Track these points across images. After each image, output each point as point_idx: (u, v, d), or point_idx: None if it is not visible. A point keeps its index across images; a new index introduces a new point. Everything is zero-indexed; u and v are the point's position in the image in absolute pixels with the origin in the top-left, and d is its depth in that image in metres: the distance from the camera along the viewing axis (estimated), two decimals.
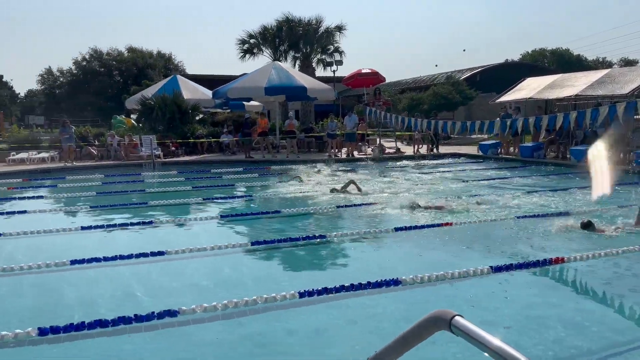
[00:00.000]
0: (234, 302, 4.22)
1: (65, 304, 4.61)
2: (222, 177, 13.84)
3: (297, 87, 20.19)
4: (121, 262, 5.66)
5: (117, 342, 3.80)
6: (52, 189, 12.36)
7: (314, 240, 6.45)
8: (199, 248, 6.11)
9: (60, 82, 51.60)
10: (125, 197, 10.65)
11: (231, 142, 21.15)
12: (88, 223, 7.67)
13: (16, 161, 17.81)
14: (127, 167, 16.88)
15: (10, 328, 3.78)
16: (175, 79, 25.25)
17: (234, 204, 10.01)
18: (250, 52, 29.41)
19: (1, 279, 5.18)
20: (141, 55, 49.82)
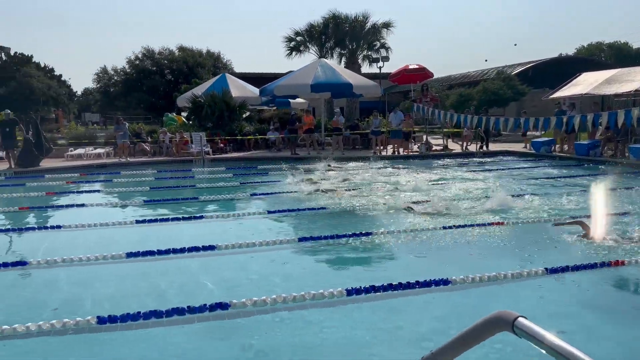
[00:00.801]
0: (282, 296, 4.26)
1: (122, 294, 4.79)
2: (269, 174, 14.02)
3: (342, 84, 20.17)
4: (173, 255, 5.83)
5: (171, 332, 3.92)
6: (107, 184, 12.88)
7: (361, 237, 6.42)
8: (248, 243, 6.21)
9: (114, 81, 53.68)
10: (177, 192, 10.97)
11: (277, 139, 21.39)
12: (142, 217, 7.95)
13: (74, 156, 18.68)
14: (178, 163, 17.39)
15: (72, 316, 3.97)
16: (224, 77, 25.75)
17: (281, 199, 10.09)
18: (297, 50, 29.60)
19: (62, 269, 5.44)
20: (191, 55, 51.15)
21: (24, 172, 15.14)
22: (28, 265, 5.43)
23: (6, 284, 5.16)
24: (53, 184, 12.65)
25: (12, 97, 42.40)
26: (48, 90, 47.71)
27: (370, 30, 29.14)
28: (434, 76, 25.42)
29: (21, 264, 5.45)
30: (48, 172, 15.07)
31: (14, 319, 3.99)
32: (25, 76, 46.73)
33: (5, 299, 4.76)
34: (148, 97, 47.32)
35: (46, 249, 6.28)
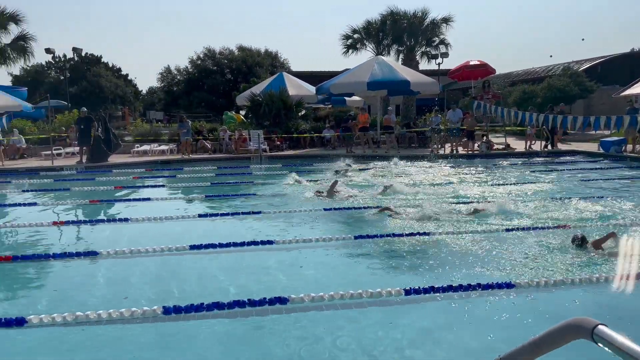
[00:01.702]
0: (340, 294, 4.27)
1: (185, 285, 4.96)
2: (324, 172, 14.08)
3: (400, 81, 19.92)
4: (234, 249, 5.98)
5: (232, 324, 4.02)
6: (171, 179, 13.37)
7: (418, 236, 6.32)
8: (305, 239, 6.27)
9: (177, 80, 55.64)
10: (236, 188, 11.23)
11: (332, 137, 21.44)
12: (203, 211, 8.21)
13: (139, 153, 19.54)
14: (237, 160, 17.82)
15: (138, 305, 4.16)
16: (282, 76, 26.09)
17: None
18: (354, 48, 29.52)
19: (129, 260, 5.71)
20: (250, 54, 52.21)
21: (94, 166, 16.02)
22: (99, 255, 5.74)
23: (79, 272, 5.48)
24: (120, 178, 13.30)
25: (83, 96, 44.89)
26: (116, 89, 50.16)
27: (429, 26, 28.60)
28: (495, 72, 24.61)
29: (92, 253, 5.76)
30: (116, 167, 15.89)
31: (87, 306, 4.23)
32: (95, 76, 49.39)
33: (78, 287, 5.05)
34: (209, 96, 48.71)
35: (114, 240, 6.61)
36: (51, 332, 3.88)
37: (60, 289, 5.00)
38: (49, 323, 3.89)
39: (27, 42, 21.91)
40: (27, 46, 21.95)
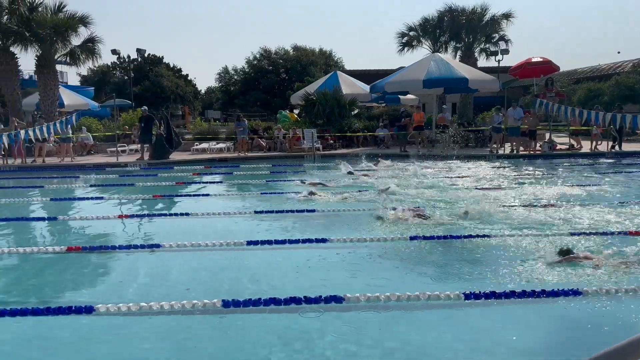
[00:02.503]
0: (396, 295, 4.21)
1: (243, 280, 5.06)
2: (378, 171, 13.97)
3: (457, 78, 19.44)
4: (290, 245, 6.04)
5: (288, 319, 4.07)
6: (228, 176, 13.70)
7: (477, 238, 6.14)
8: (359, 239, 6.24)
9: (234, 80, 57.04)
10: (291, 186, 11.35)
11: (386, 136, 21.26)
12: (260, 208, 8.35)
13: (198, 150, 20.18)
14: (291, 158, 18.03)
15: (199, 298, 4.28)
16: (336, 75, 26.13)
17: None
18: (409, 45, 29.09)
19: (190, 254, 5.90)
20: (304, 53, 52.70)
21: (156, 163, 16.69)
22: (161, 247, 5.96)
23: (143, 264, 5.72)
24: (181, 175, 13.79)
25: (145, 95, 46.83)
26: (176, 89, 52.00)
27: (489, 22, 27.74)
28: (559, 70, 23.54)
29: (155, 246, 6.00)
30: (177, 164, 16.49)
31: (151, 297, 4.41)
32: (156, 76, 51.42)
33: (142, 278, 5.27)
34: (264, 95, 49.61)
35: (176, 234, 6.84)
36: (116, 320, 4.06)
37: (125, 280, 5.23)
38: (114, 312, 4.08)
39: (94, 44, 23.03)
40: (94, 48, 23.07)
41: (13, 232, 7.58)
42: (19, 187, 12.40)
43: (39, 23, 21.10)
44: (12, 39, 21.39)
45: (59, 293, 4.91)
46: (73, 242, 6.57)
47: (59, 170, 15.62)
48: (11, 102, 21.93)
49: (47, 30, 20.91)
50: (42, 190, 11.43)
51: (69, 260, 5.81)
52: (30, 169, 16.06)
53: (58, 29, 21.10)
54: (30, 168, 16.16)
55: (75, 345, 3.77)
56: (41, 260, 5.86)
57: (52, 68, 22.07)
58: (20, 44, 21.60)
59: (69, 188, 12.01)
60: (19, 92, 22.41)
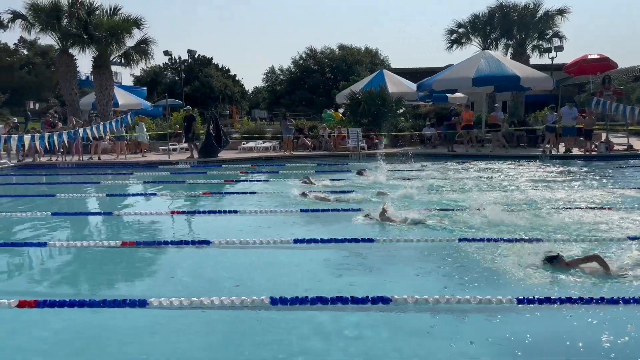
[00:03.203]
0: (446, 297, 4.13)
1: (290, 277, 5.10)
2: (423, 170, 13.78)
3: (508, 76, 18.88)
4: (335, 244, 6.03)
5: (333, 317, 4.07)
6: (274, 174, 13.85)
7: (529, 242, 5.93)
8: (406, 239, 6.16)
9: (280, 80, 57.67)
10: (335, 185, 11.35)
11: (433, 135, 20.92)
12: (305, 206, 8.39)
13: (245, 149, 20.53)
14: (336, 157, 18.04)
15: (249, 294, 4.34)
16: (382, 73, 25.93)
17: (437, 196, 9.79)
18: (458, 42, 28.46)
19: (239, 250, 5.99)
20: (350, 52, 52.64)
21: (206, 161, 17.11)
22: (211, 244, 6.09)
23: (193, 259, 5.87)
24: (229, 173, 14.07)
25: (195, 95, 48.06)
26: (224, 89, 53.08)
27: (542, 18, 26.75)
28: (617, 67, 22.42)
29: (205, 242, 6.13)
30: (225, 162, 16.85)
31: (201, 292, 4.51)
32: (206, 76, 52.67)
33: (192, 273, 5.40)
34: (309, 95, 49.90)
35: (225, 230, 6.99)
36: (168, 314, 4.18)
37: (177, 274, 5.37)
38: (167, 306, 4.20)
39: (147, 46, 23.86)
40: (147, 49, 23.90)
41: (71, 227, 7.95)
42: (76, 182, 12.98)
43: (96, 25, 22.05)
44: (71, 41, 22.46)
45: (114, 286, 5.10)
46: (127, 237, 6.81)
47: (113, 167, 16.28)
48: (69, 102, 23.02)
49: (103, 32, 21.82)
50: (98, 187, 11.93)
51: (123, 254, 6.03)
52: (86, 165, 16.81)
53: (113, 31, 21.98)
54: (87, 165, 16.92)
55: (129, 337, 3.91)
56: (97, 254, 6.11)
57: (107, 69, 23.02)
58: (78, 46, 22.66)
59: (122, 184, 12.48)
60: (77, 92, 23.50)
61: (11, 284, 5.28)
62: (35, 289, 5.07)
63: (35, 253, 6.15)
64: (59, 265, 5.96)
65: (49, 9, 21.85)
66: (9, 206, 9.57)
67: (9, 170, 15.86)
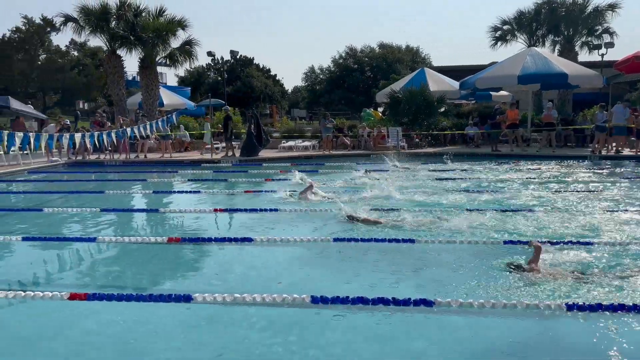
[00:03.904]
0: (491, 302, 4.04)
1: (330, 276, 5.11)
2: (467, 170, 13.52)
3: (556, 74, 18.30)
4: (375, 244, 6.00)
5: (373, 318, 4.05)
6: (313, 174, 13.87)
7: (578, 245, 5.72)
8: (448, 240, 6.06)
9: (319, 79, 57.85)
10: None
11: (476, 135, 20.49)
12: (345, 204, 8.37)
13: (285, 148, 20.71)
14: (375, 156, 17.91)
15: (290, 292, 4.38)
16: (423, 72, 25.60)
17: (483, 197, 9.59)
18: (503, 39, 27.82)
19: (280, 248, 6.05)
20: (390, 51, 52.25)
21: (247, 160, 17.37)
22: (253, 242, 6.18)
23: (236, 256, 5.96)
24: (269, 171, 14.21)
25: (237, 95, 48.85)
26: (265, 89, 53.73)
27: (592, 13, 25.80)
28: None
29: (248, 240, 6.23)
30: (265, 161, 17.05)
31: (242, 288, 4.58)
32: (247, 76, 53.47)
33: (235, 269, 5.50)
34: (348, 94, 49.85)
35: (266, 228, 7.07)
36: (211, 309, 4.27)
37: (220, 270, 5.48)
38: (210, 301, 4.29)
39: (192, 46, 24.42)
40: (192, 50, 24.46)
41: (119, 222, 8.23)
42: (124, 180, 13.44)
43: (143, 27, 22.75)
44: (119, 42, 23.26)
45: (159, 281, 5.25)
46: (173, 233, 7.00)
47: (158, 165, 16.75)
48: (117, 101, 23.85)
49: (149, 33, 22.48)
50: (144, 184, 12.30)
51: (169, 250, 6.20)
52: (133, 163, 17.37)
53: (159, 33, 22.61)
54: (133, 163, 17.48)
55: (174, 331, 4.01)
56: (145, 250, 6.31)
57: (153, 69, 23.70)
58: (125, 47, 23.44)
59: (168, 182, 12.82)
60: (124, 92, 24.32)
61: (63, 276, 5.52)
62: (85, 282, 5.28)
63: (86, 247, 6.40)
64: (107, 259, 6.19)
65: (99, 12, 22.71)
66: (61, 202, 10.00)
67: (60, 167, 16.58)
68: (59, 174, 15.46)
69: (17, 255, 6.40)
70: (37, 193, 11.49)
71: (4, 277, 5.47)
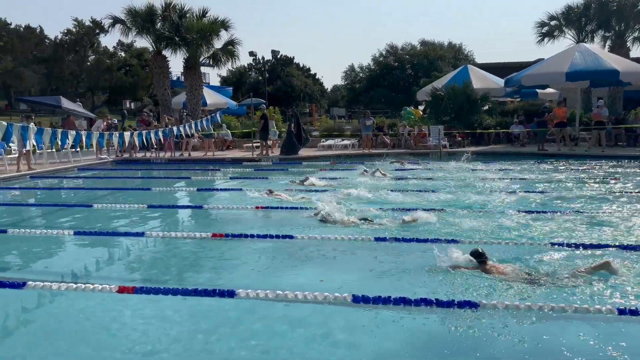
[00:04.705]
0: (538, 305, 3.93)
1: (373, 275, 5.09)
2: (513, 170, 13.17)
3: (606, 70, 17.58)
4: (416, 244, 5.93)
5: (417, 320, 4.01)
6: (352, 172, 13.83)
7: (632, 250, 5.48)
8: (499, 241, 5.91)
9: (359, 78, 57.67)
10: (416, 184, 11.16)
11: (522, 133, 19.94)
12: (385, 206, 8.32)
13: (324, 147, 20.75)
14: (416, 155, 17.72)
15: (331, 290, 4.39)
16: (466, 69, 25.13)
17: (529, 198, 9.31)
18: (550, 35, 26.97)
19: (321, 246, 6.06)
20: (432, 48, 51.51)
21: (286, 159, 17.52)
22: (294, 238, 6.23)
23: (278, 252, 6.01)
24: (309, 170, 14.27)
25: (277, 94, 49.39)
26: (305, 88, 54.08)
27: None
28: None
29: (289, 237, 6.29)
30: (305, 159, 17.15)
31: (285, 285, 4.62)
32: (287, 75, 53.97)
33: (277, 265, 5.56)
34: (388, 92, 49.46)
35: (307, 226, 7.11)
36: (254, 304, 4.33)
37: (262, 267, 5.54)
38: (253, 297, 4.34)
39: (234, 47, 24.83)
40: (234, 50, 24.87)
41: (165, 218, 8.47)
42: (169, 177, 13.82)
43: (187, 28, 23.29)
44: (164, 43, 23.90)
45: (204, 275, 5.36)
46: (217, 229, 7.14)
47: (202, 163, 17.13)
48: (162, 101, 24.52)
49: (193, 34, 22.99)
50: (189, 181, 12.61)
51: (213, 245, 6.33)
52: (178, 161, 17.84)
53: (203, 33, 23.09)
54: (178, 161, 17.95)
55: (217, 324, 4.09)
56: (189, 245, 6.47)
57: (197, 70, 24.23)
58: (170, 48, 24.06)
59: (211, 179, 13.10)
60: (169, 91, 24.98)
61: (111, 270, 5.73)
62: (132, 276, 5.45)
63: (133, 242, 6.62)
64: (154, 254, 6.37)
65: (145, 13, 23.41)
66: (110, 198, 10.38)
67: (108, 165, 17.20)
68: (108, 171, 16.05)
69: (68, 249, 6.69)
70: (87, 189, 11.97)
71: (56, 270, 5.74)
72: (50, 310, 4.56)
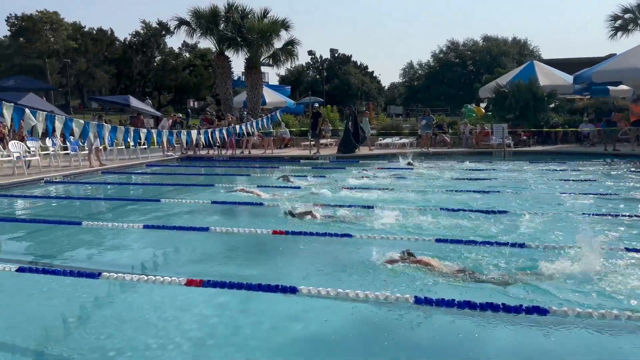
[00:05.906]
0: (613, 313, 3.74)
1: (432, 277, 5.01)
2: (579, 170, 12.57)
3: None
4: (473, 246, 5.78)
5: (479, 323, 3.91)
6: (409, 171, 13.66)
7: None
8: (556, 245, 5.67)
9: (418, 75, 56.77)
10: (479, 184, 10.88)
11: (592, 132, 18.93)
12: (445, 205, 8.17)
13: (382, 145, 20.60)
14: (478, 154, 17.24)
15: (393, 291, 4.37)
16: (532, 65, 24.15)
17: (598, 202, 8.85)
18: (624, 29, 25.40)
19: (381, 246, 6.03)
20: (496, 44, 49.87)
21: (344, 157, 17.56)
22: (353, 237, 6.24)
23: (338, 251, 6.04)
24: (366, 168, 14.22)
25: (335, 92, 49.55)
26: (362, 86, 53.91)
27: None
28: None
29: (347, 236, 6.31)
30: (362, 158, 17.12)
31: (344, 283, 4.65)
32: (345, 74, 53.97)
33: (337, 263, 5.57)
34: (448, 89, 48.40)
35: (366, 225, 7.10)
36: (314, 302, 4.38)
37: (323, 264, 5.59)
38: (315, 294, 4.40)
39: (293, 46, 25.12)
40: (293, 50, 25.17)
41: (228, 214, 8.72)
42: (230, 174, 14.20)
43: (248, 29, 23.80)
44: (227, 44, 24.55)
45: (266, 271, 5.48)
46: (277, 226, 7.27)
47: (261, 160, 17.49)
48: (224, 100, 25.22)
49: (254, 35, 23.48)
50: (248, 178, 12.91)
51: (274, 242, 6.46)
52: (238, 159, 18.32)
53: (263, 34, 23.53)
54: (239, 158, 18.43)
55: (279, 320, 4.19)
56: (251, 240, 6.64)
57: (258, 69, 24.73)
58: (232, 48, 24.69)
59: (269, 177, 13.33)
60: (231, 91, 25.65)
61: (179, 263, 5.98)
62: (197, 269, 5.64)
63: (199, 237, 6.86)
64: (218, 249, 6.58)
65: (209, 15, 24.14)
66: (175, 194, 10.82)
67: (174, 161, 17.92)
68: (173, 167, 16.72)
69: (138, 242, 7.03)
70: (155, 185, 12.53)
71: (127, 262, 6.05)
72: (124, 299, 4.82)
